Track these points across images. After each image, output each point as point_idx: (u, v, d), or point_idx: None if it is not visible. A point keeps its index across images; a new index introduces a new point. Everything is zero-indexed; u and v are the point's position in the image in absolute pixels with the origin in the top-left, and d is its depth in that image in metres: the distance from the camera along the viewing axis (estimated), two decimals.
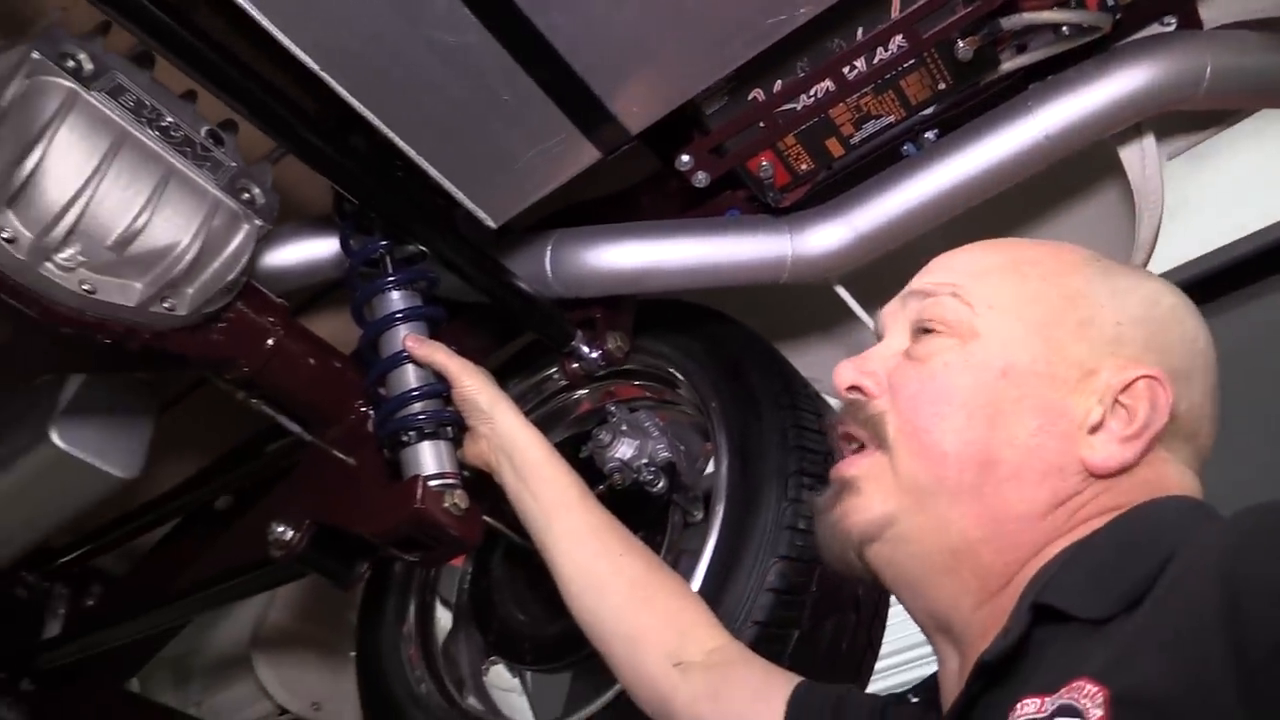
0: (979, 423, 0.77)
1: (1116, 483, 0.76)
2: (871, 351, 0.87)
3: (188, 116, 1.10)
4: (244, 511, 1.69)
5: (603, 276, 1.36)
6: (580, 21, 1.02)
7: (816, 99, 1.21)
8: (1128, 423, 0.76)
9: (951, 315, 0.81)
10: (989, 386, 0.78)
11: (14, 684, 1.76)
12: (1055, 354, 0.78)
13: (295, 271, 1.43)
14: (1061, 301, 0.80)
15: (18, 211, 0.97)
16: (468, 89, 1.06)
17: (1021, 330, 0.79)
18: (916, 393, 0.80)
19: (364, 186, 1.19)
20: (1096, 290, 0.81)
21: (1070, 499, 0.76)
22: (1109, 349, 0.78)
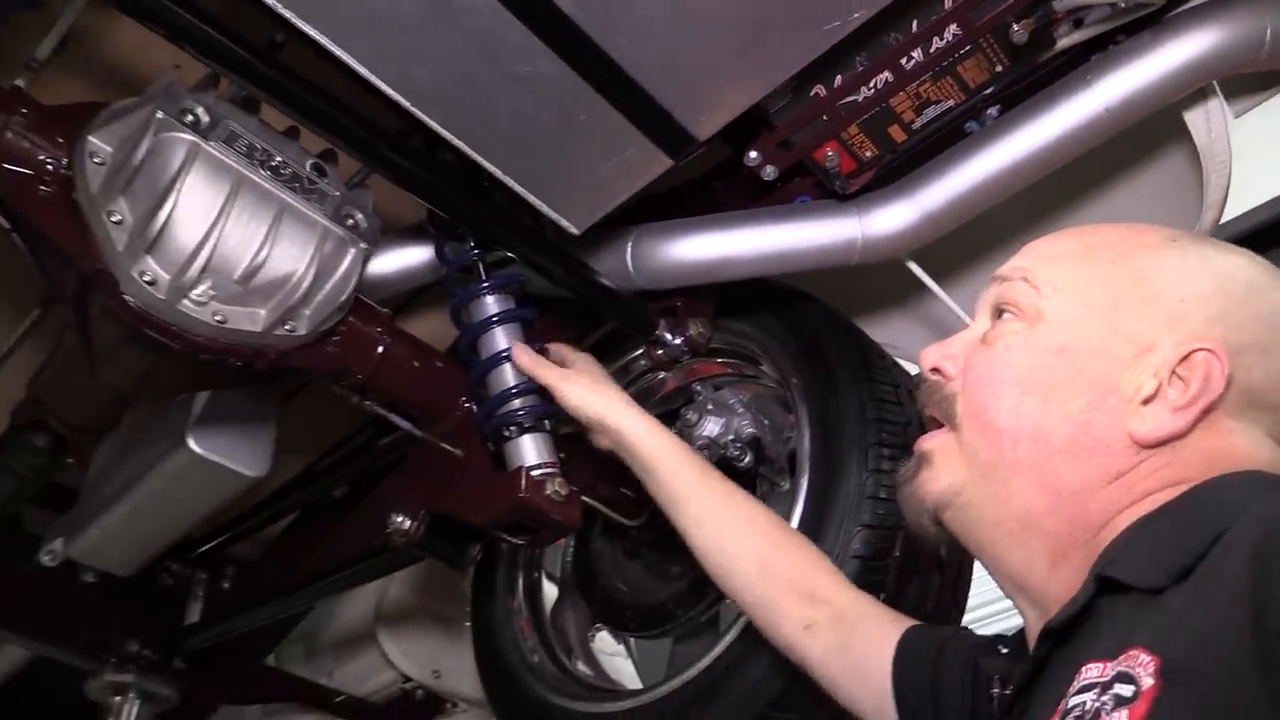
0: (1032, 400, 0.83)
1: (1175, 455, 0.80)
2: (954, 337, 0.94)
3: (293, 153, 1.20)
4: (359, 500, 1.82)
5: (681, 268, 1.43)
6: (644, 42, 1.09)
7: (876, 90, 1.25)
8: (1182, 393, 0.79)
9: (1021, 298, 0.87)
10: (1045, 365, 0.84)
11: (167, 663, 1.93)
12: (1113, 332, 0.83)
13: (392, 279, 1.54)
14: (1128, 281, 0.84)
15: (156, 257, 1.08)
16: (545, 111, 1.14)
17: (1083, 311, 0.85)
18: (981, 374, 0.88)
19: (454, 203, 1.29)
20: (1165, 268, 0.84)
21: (1127, 472, 0.80)
22: (1170, 324, 0.82)
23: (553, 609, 1.80)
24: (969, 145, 1.35)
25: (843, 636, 1.10)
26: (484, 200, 1.31)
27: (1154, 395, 0.80)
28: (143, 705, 1.88)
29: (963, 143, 1.35)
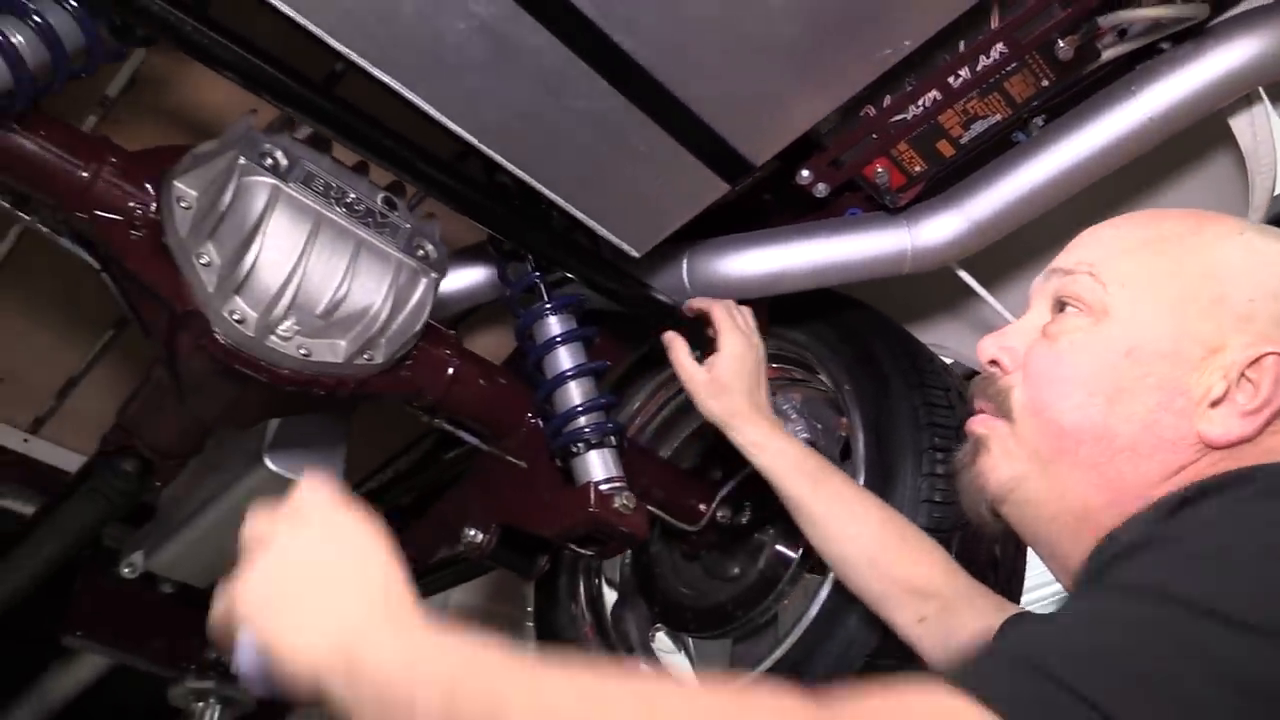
0: (1099, 400, 0.82)
1: (1237, 452, 0.79)
2: (1012, 326, 0.93)
3: (364, 188, 1.26)
4: (421, 510, 1.88)
5: (736, 283, 1.47)
6: (702, 76, 1.13)
7: (925, 108, 1.29)
8: (1252, 397, 0.79)
9: (1086, 294, 0.86)
10: (1113, 366, 0.83)
11: None
12: (1182, 333, 0.82)
13: (455, 298, 1.60)
14: (1196, 279, 0.83)
15: (244, 296, 1.14)
16: (607, 144, 1.18)
17: (1151, 310, 0.83)
18: (1044, 370, 0.86)
19: (516, 228, 1.34)
20: (1234, 265, 0.83)
21: (1187, 467, 0.80)
22: (1238, 325, 0.81)
23: (613, 610, 1.86)
24: (1016, 155, 1.38)
25: (951, 626, 1.13)
26: (543, 224, 1.36)
27: (1223, 397, 0.80)
28: (223, 710, 1.96)
29: (1010, 153, 1.39)
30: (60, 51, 1.05)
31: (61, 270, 1.51)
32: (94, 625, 1.93)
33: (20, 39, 1.03)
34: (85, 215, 1.15)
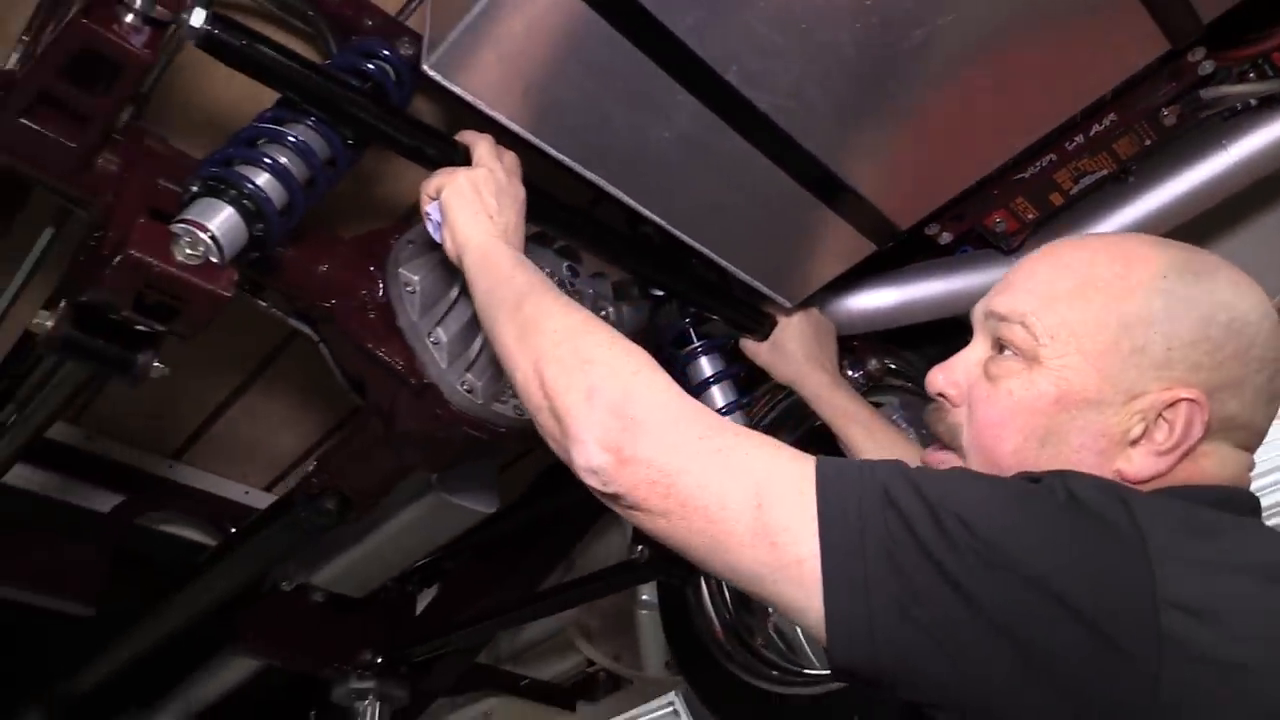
0: (1032, 443, 0.91)
1: (1152, 485, 0.88)
2: (957, 359, 1.00)
3: (552, 260, 1.43)
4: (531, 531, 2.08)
5: (863, 317, 1.65)
6: (865, 160, 1.30)
7: (1041, 168, 1.46)
8: (1167, 437, 0.87)
9: (1020, 341, 0.93)
10: (1044, 412, 0.90)
11: (395, 667, 2.21)
12: (1106, 381, 0.89)
13: None
14: (1118, 330, 0.89)
15: (474, 372, 1.32)
16: (775, 218, 1.35)
17: (1078, 360, 0.90)
18: (985, 415, 0.94)
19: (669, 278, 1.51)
20: (1155, 313, 0.89)
21: None
22: (1156, 373, 0.88)
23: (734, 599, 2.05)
24: (1115, 197, 1.55)
25: None
26: (692, 278, 1.53)
27: (1140, 437, 0.88)
28: (381, 706, 2.16)
29: (1112, 193, 1.55)
30: (317, 168, 1.21)
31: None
32: (261, 635, 2.12)
33: (285, 160, 1.19)
34: (326, 303, 1.32)
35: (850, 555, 0.77)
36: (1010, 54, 1.17)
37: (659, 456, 0.84)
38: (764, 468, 0.82)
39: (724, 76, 1.15)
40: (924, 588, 0.74)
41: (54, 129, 1.11)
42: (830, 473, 0.80)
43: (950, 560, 0.74)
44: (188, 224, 1.06)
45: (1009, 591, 0.73)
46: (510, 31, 1.09)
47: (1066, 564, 0.73)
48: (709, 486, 0.82)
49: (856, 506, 0.78)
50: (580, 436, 0.87)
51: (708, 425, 0.86)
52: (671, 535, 0.84)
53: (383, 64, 1.29)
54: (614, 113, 1.18)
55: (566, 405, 0.90)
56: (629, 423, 0.85)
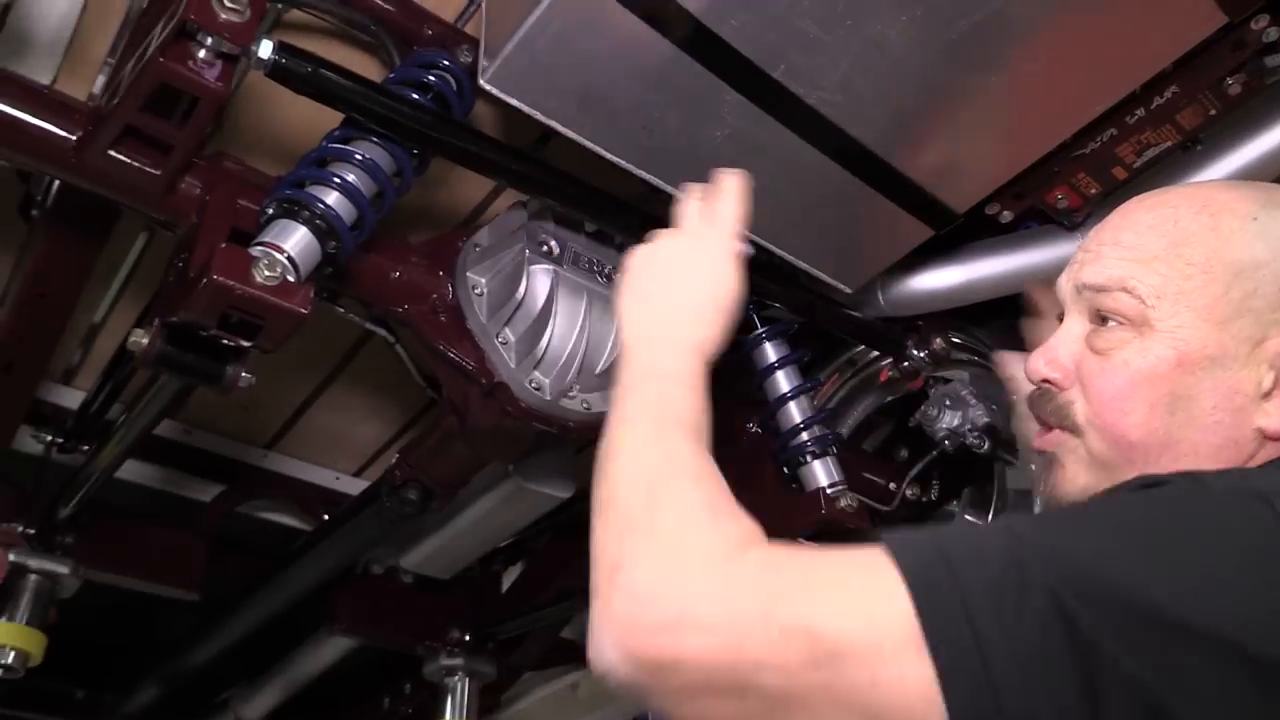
0: (1160, 411, 0.86)
1: None
2: (1055, 341, 0.94)
3: (614, 255, 1.47)
4: None
5: (927, 298, 1.65)
6: (916, 148, 1.31)
7: (1102, 143, 1.44)
8: None
9: (1127, 310, 0.88)
10: (1166, 378, 0.86)
11: (483, 644, 2.30)
12: (1224, 333, 0.85)
13: None
14: (1224, 280, 0.86)
15: (542, 370, 1.37)
16: (831, 208, 1.37)
17: (1191, 317, 0.86)
18: (1103, 387, 0.89)
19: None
20: (1258, 254, 0.86)
21: (1253, 457, 0.84)
22: (1274, 315, 0.84)
23: None
24: (1183, 166, 1.52)
25: None
26: (752, 263, 1.54)
27: (1274, 388, 0.84)
28: (470, 682, 2.25)
29: (1179, 161, 1.52)
30: (384, 182, 1.27)
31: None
32: (355, 616, 2.23)
33: (353, 178, 1.24)
34: (399, 308, 1.38)
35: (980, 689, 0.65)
36: (1060, 37, 1.17)
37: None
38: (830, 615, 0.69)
39: (772, 75, 1.17)
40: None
41: (140, 159, 1.18)
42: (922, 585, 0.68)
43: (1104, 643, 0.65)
44: (266, 246, 1.13)
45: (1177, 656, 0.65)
46: (561, 44, 1.12)
47: (1230, 600, 0.66)
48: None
49: (964, 615, 0.66)
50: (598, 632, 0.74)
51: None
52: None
53: (443, 74, 1.33)
54: (666, 115, 1.21)
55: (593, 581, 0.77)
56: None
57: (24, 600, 1.77)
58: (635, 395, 0.90)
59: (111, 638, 2.62)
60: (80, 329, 1.98)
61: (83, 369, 2.09)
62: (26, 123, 1.17)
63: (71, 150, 1.17)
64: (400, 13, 1.39)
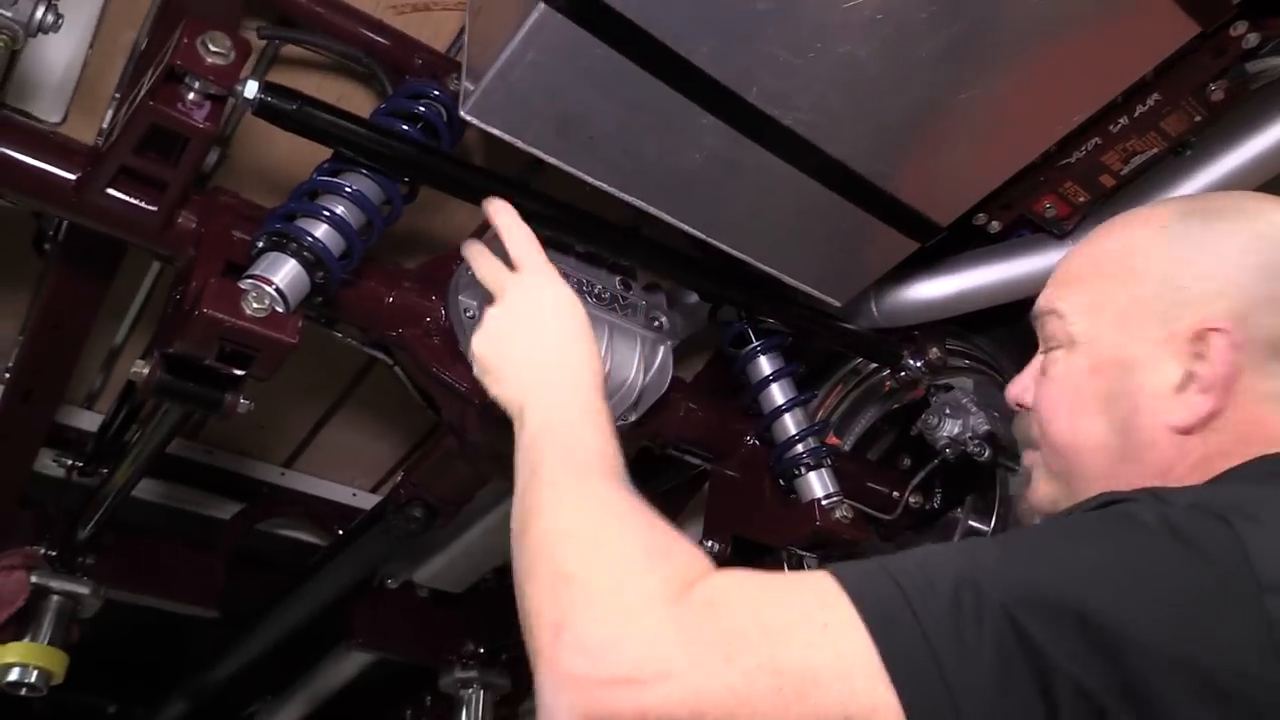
0: (1084, 418, 0.93)
1: (1212, 437, 0.86)
2: (1025, 370, 1.04)
3: (604, 276, 1.49)
4: None
5: (920, 308, 1.66)
6: (896, 165, 1.32)
7: (1087, 151, 1.45)
8: (1208, 369, 0.86)
9: (1056, 331, 0.98)
10: (1085, 385, 0.93)
11: (496, 657, 2.34)
12: (1130, 337, 0.91)
13: None
14: (1129, 284, 0.92)
15: None
16: (814, 224, 1.39)
17: (1100, 327, 0.94)
18: (1041, 403, 0.98)
19: (726, 287, 1.56)
20: (1162, 259, 0.91)
21: (1175, 465, 0.87)
22: (1175, 313, 0.89)
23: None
24: (1173, 171, 1.52)
25: None
26: (749, 283, 1.57)
27: (1181, 383, 0.88)
28: (485, 694, 2.29)
29: (1170, 167, 1.52)
30: (373, 212, 1.30)
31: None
32: (371, 630, 2.27)
33: (342, 210, 1.28)
34: (394, 332, 1.42)
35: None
36: (1031, 52, 1.18)
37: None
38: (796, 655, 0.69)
39: (746, 98, 1.19)
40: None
41: (137, 196, 1.22)
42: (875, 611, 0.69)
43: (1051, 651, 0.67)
44: (255, 279, 1.16)
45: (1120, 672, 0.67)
46: (537, 74, 1.15)
47: (1178, 616, 0.68)
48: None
49: (922, 640, 0.68)
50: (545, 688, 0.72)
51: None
52: None
53: (432, 103, 1.37)
54: (645, 140, 1.24)
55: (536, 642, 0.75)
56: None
57: (46, 620, 1.82)
58: (541, 450, 0.91)
59: (142, 654, 2.68)
60: (100, 354, 2.04)
61: (104, 393, 2.15)
62: (29, 165, 1.22)
63: (72, 190, 1.22)
64: (391, 44, 1.43)
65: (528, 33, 1.11)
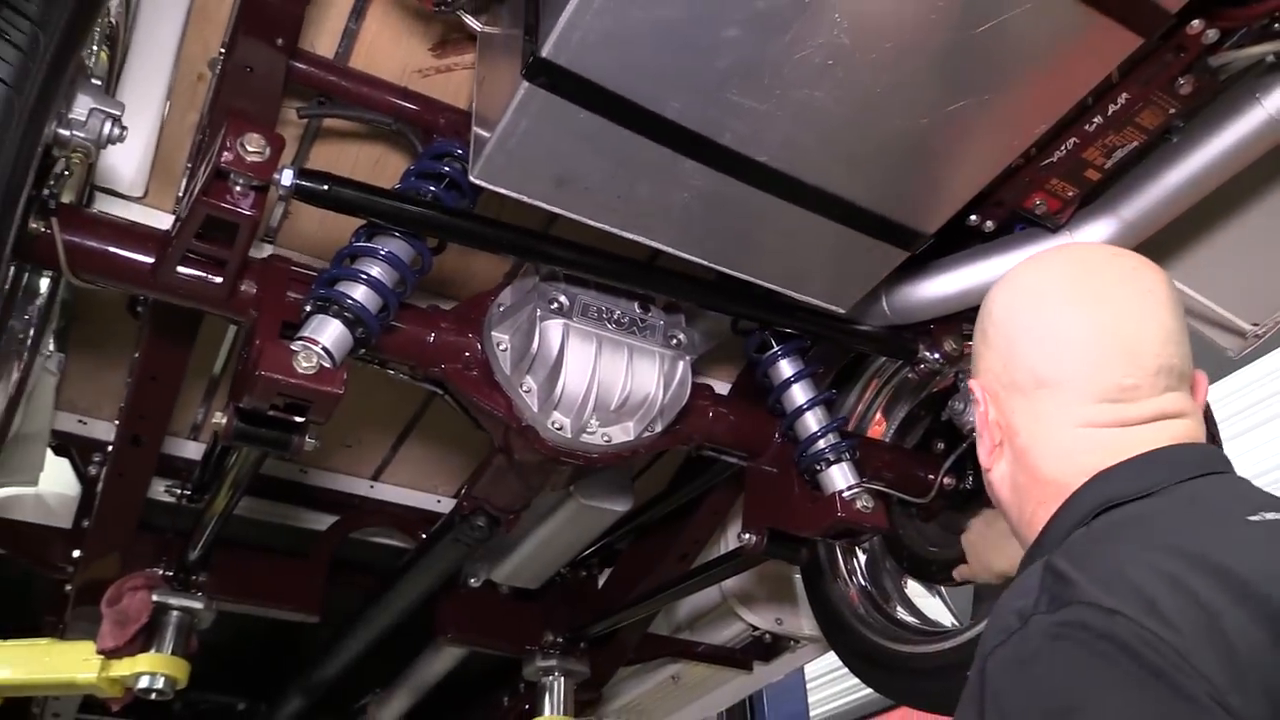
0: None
1: (1015, 476, 1.12)
2: None
3: (623, 301, 1.63)
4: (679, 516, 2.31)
5: (929, 304, 1.76)
6: (876, 184, 1.43)
7: (1068, 150, 1.53)
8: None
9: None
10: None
11: (575, 645, 2.51)
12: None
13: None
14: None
15: (561, 410, 1.55)
16: (804, 244, 1.50)
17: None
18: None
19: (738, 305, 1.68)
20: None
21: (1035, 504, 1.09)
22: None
23: (867, 568, 2.21)
24: (1159, 157, 1.58)
25: None
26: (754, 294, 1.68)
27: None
28: (566, 681, 2.47)
29: (1154, 157, 1.59)
30: (404, 268, 1.47)
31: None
32: (458, 626, 2.47)
33: (377, 270, 1.45)
34: (437, 369, 1.59)
35: None
36: (981, 81, 1.28)
37: None
38: None
39: (720, 142, 1.31)
40: None
41: (203, 271, 1.41)
42: None
43: None
44: (305, 340, 1.35)
45: None
46: (530, 140, 1.30)
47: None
48: None
49: None
50: None
51: None
52: None
53: (455, 161, 1.53)
54: (636, 185, 1.37)
55: None
56: None
57: (168, 633, 2.07)
58: None
59: (260, 656, 2.94)
60: (200, 386, 2.26)
61: (205, 424, 2.39)
62: (116, 254, 1.42)
63: (150, 272, 1.42)
64: (418, 108, 1.59)
65: (517, 107, 1.25)
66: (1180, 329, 1.10)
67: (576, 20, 1.15)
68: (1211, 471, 1.03)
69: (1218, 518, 0.95)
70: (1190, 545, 0.89)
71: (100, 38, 1.40)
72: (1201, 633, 0.79)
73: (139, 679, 2.01)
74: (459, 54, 1.58)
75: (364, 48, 1.57)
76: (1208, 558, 0.86)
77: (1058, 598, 0.86)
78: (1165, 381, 1.06)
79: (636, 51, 1.20)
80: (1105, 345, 1.06)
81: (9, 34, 1.02)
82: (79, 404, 2.21)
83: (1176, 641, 0.78)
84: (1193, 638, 0.79)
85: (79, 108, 1.26)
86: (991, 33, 1.21)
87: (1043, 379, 1.08)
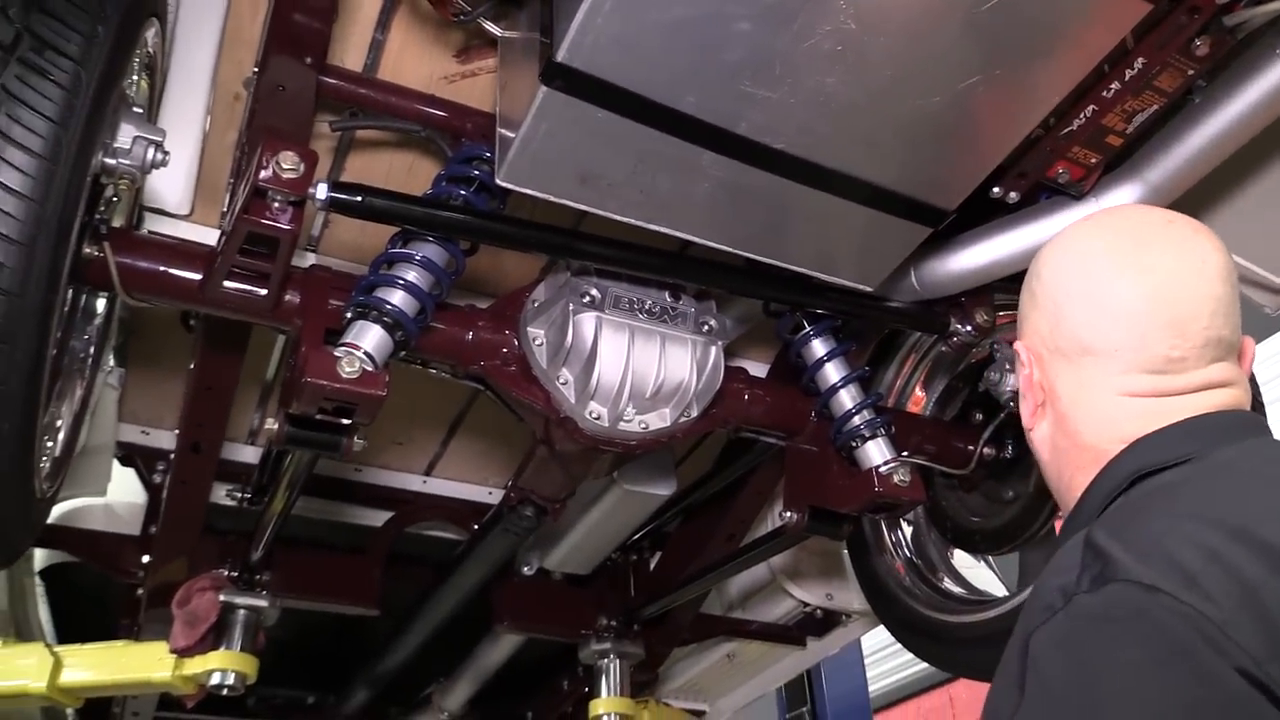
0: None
1: (1056, 439, 1.12)
2: None
3: (654, 291, 1.67)
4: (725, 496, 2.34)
5: (958, 277, 1.77)
6: (894, 164, 1.45)
7: (1087, 118, 1.53)
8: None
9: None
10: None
11: (629, 627, 2.57)
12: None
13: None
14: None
15: (598, 401, 1.59)
16: (828, 226, 1.53)
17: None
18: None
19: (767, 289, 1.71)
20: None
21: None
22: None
23: (913, 540, 2.23)
24: (1183, 119, 1.58)
25: None
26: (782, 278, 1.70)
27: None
28: (621, 663, 2.53)
29: (1177, 120, 1.58)
30: (439, 271, 1.52)
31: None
32: (514, 613, 2.53)
33: (413, 275, 1.50)
34: (477, 366, 1.64)
35: None
36: (991, 58, 1.29)
37: None
38: None
39: (736, 132, 1.34)
40: None
41: (247, 284, 1.48)
42: None
43: None
44: (347, 346, 1.40)
45: None
46: (551, 141, 1.34)
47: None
48: None
49: None
50: None
51: None
52: None
53: (483, 164, 1.57)
54: (657, 179, 1.41)
55: None
56: None
57: (236, 631, 2.15)
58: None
59: (326, 650, 3.04)
60: (255, 392, 2.34)
61: (262, 428, 2.47)
62: (166, 273, 1.49)
63: (198, 288, 1.48)
64: (446, 114, 1.64)
65: (537, 110, 1.30)
66: (1232, 298, 1.09)
67: (589, 24, 1.19)
68: (1251, 437, 1.04)
69: (1257, 484, 0.96)
70: (1229, 516, 0.90)
71: (139, 67, 1.46)
72: (1241, 605, 0.81)
73: (211, 675, 2.10)
74: (482, 58, 1.62)
75: (391, 58, 1.63)
76: (1246, 528, 0.87)
77: (1099, 576, 0.87)
78: (1213, 353, 1.06)
79: (648, 50, 1.23)
80: (1153, 317, 1.06)
81: (52, 74, 1.08)
82: (141, 416, 2.31)
83: (1215, 614, 0.81)
84: (1231, 610, 0.81)
85: (123, 136, 1.33)
86: (997, 8, 1.22)
87: (1088, 347, 1.08)
